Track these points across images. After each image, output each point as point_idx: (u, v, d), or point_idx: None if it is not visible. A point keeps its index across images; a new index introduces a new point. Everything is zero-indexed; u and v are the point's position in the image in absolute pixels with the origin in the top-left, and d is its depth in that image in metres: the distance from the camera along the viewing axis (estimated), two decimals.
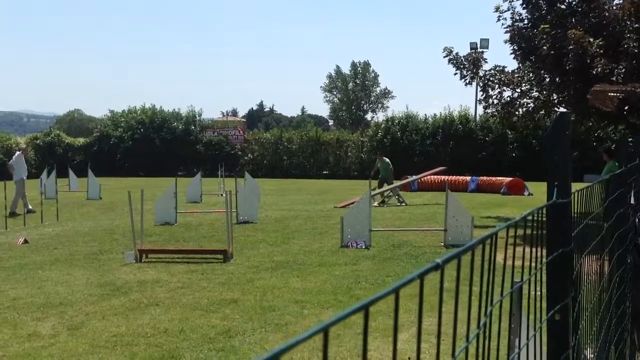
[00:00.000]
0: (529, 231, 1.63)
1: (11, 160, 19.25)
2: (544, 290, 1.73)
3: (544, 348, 1.78)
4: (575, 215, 2.18)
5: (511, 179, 26.59)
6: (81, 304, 7.81)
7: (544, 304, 1.74)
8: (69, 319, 7.15)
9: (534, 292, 1.58)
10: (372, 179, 16.61)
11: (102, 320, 7.08)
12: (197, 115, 45.48)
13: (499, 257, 1.42)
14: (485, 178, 27.83)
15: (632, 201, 4.33)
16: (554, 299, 1.69)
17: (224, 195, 11.85)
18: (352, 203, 16.84)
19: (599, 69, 14.29)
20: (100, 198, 22.72)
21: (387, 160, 22.15)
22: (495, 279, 1.40)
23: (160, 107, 45.77)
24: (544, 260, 1.66)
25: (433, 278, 1.07)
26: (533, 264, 1.63)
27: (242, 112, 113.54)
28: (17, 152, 19.51)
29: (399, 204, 20.37)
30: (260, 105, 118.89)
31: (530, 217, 1.51)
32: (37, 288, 8.66)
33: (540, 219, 1.58)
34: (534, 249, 1.67)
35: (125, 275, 9.46)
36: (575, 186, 2.42)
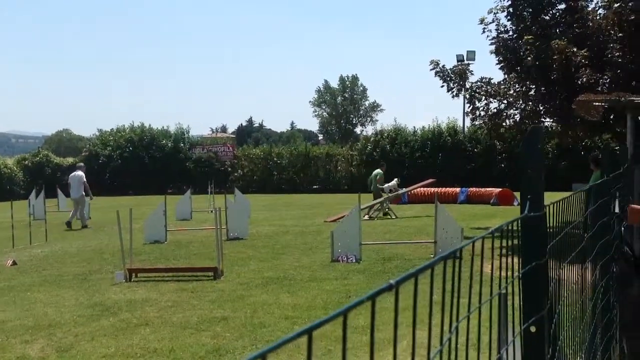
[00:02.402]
0: (506, 242, 1.65)
1: (69, 179, 20.90)
2: (520, 302, 1.75)
3: None
4: (554, 226, 2.20)
5: (500, 189, 26.72)
6: (70, 325, 7.76)
7: (517, 315, 1.76)
8: (58, 340, 7.10)
9: (506, 305, 1.60)
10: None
11: (91, 341, 7.04)
12: (185, 133, 45.47)
13: (470, 270, 1.43)
14: (474, 189, 27.94)
15: (617, 210, 4.36)
16: (529, 310, 1.71)
17: (213, 212, 11.83)
18: (342, 217, 16.87)
19: (584, 79, 14.42)
20: (89, 217, 22.63)
21: (377, 171, 22.36)
22: (477, 291, 1.41)
23: (149, 125, 45.69)
24: (515, 274, 1.68)
25: (424, 289, 1.08)
26: (510, 276, 1.65)
27: (232, 128, 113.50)
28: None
29: (389, 216, 20.42)
30: (250, 121, 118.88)
31: (502, 229, 1.52)
32: (25, 310, 8.60)
33: (511, 229, 1.60)
34: (510, 261, 1.69)
35: (115, 295, 9.42)
36: (563, 196, 2.45)
